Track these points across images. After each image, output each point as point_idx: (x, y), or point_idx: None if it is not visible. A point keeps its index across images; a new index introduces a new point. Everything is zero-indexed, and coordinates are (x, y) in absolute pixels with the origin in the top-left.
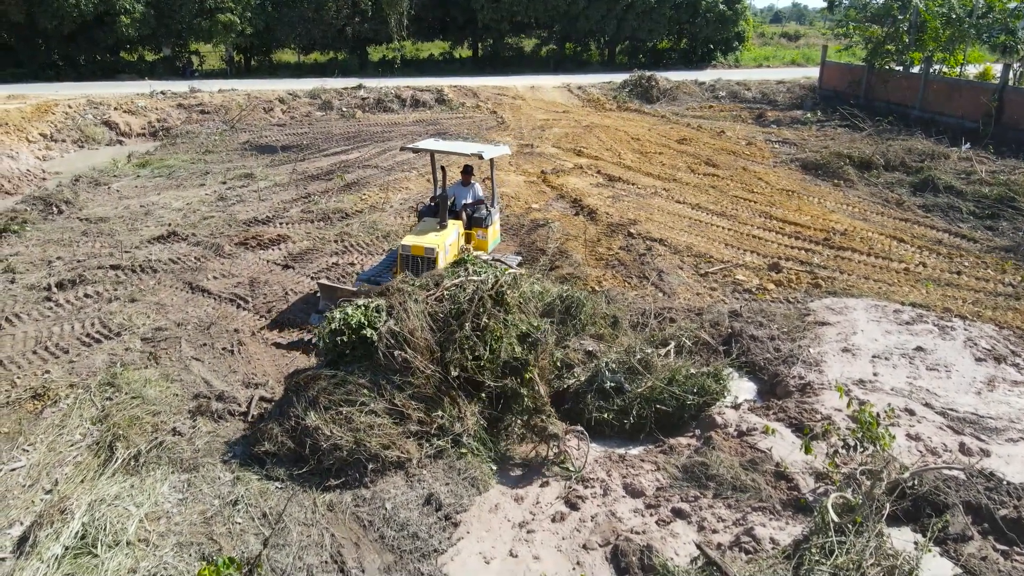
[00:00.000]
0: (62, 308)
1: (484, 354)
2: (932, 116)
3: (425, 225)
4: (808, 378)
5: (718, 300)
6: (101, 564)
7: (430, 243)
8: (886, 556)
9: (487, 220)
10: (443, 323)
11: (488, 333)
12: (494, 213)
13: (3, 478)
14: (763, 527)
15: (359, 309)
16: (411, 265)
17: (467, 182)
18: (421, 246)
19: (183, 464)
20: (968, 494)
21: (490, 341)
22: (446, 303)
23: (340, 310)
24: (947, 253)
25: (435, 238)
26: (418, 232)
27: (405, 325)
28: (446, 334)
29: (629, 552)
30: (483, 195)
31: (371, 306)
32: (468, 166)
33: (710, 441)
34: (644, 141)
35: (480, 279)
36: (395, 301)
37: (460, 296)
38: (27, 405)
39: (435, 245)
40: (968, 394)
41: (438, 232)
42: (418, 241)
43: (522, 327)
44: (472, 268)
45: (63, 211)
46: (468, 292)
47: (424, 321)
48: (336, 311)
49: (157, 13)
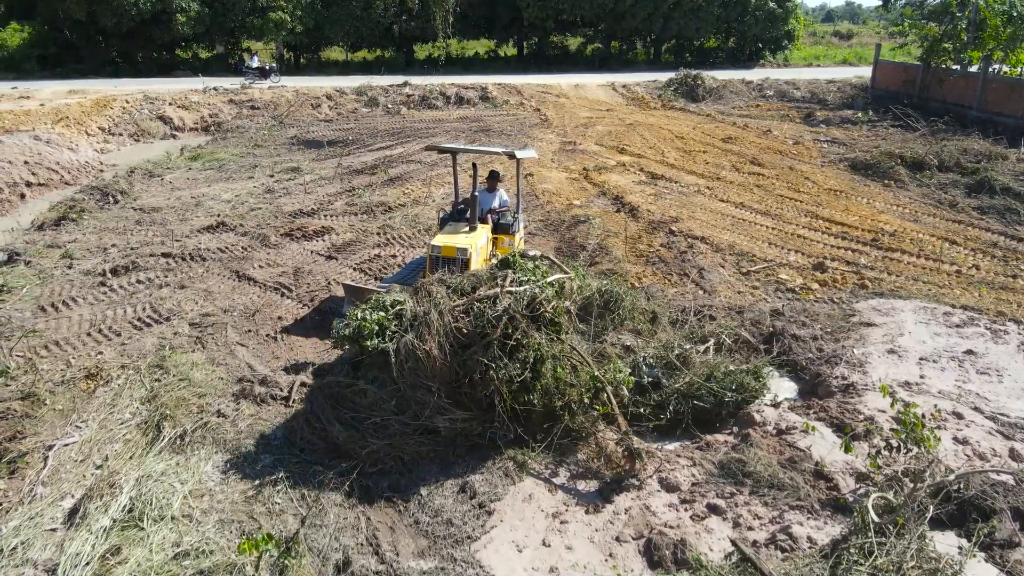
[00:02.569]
0: (115, 293)
1: (521, 375)
2: (991, 117)
3: (454, 227)
4: (851, 379)
5: (760, 299)
6: (147, 537)
7: (462, 243)
8: (928, 559)
9: (513, 227)
10: (468, 340)
11: (527, 351)
12: (520, 219)
13: (57, 453)
14: (800, 526)
15: (376, 314)
16: (442, 267)
17: (493, 188)
18: (453, 246)
19: (226, 445)
20: (1017, 500)
21: (530, 361)
22: (471, 319)
23: (357, 312)
24: (1002, 256)
25: (466, 239)
26: (448, 232)
27: (423, 342)
28: (470, 353)
29: (662, 546)
30: (508, 202)
31: (390, 312)
32: (495, 172)
33: (748, 438)
34: (688, 139)
35: (520, 290)
36: (420, 308)
37: (488, 312)
38: (81, 384)
39: (468, 246)
40: (1021, 399)
41: (468, 234)
42: (449, 241)
43: (583, 374)
44: (515, 275)
45: (119, 201)
46: (499, 309)
47: (446, 339)
48: (355, 311)
49: (212, 11)
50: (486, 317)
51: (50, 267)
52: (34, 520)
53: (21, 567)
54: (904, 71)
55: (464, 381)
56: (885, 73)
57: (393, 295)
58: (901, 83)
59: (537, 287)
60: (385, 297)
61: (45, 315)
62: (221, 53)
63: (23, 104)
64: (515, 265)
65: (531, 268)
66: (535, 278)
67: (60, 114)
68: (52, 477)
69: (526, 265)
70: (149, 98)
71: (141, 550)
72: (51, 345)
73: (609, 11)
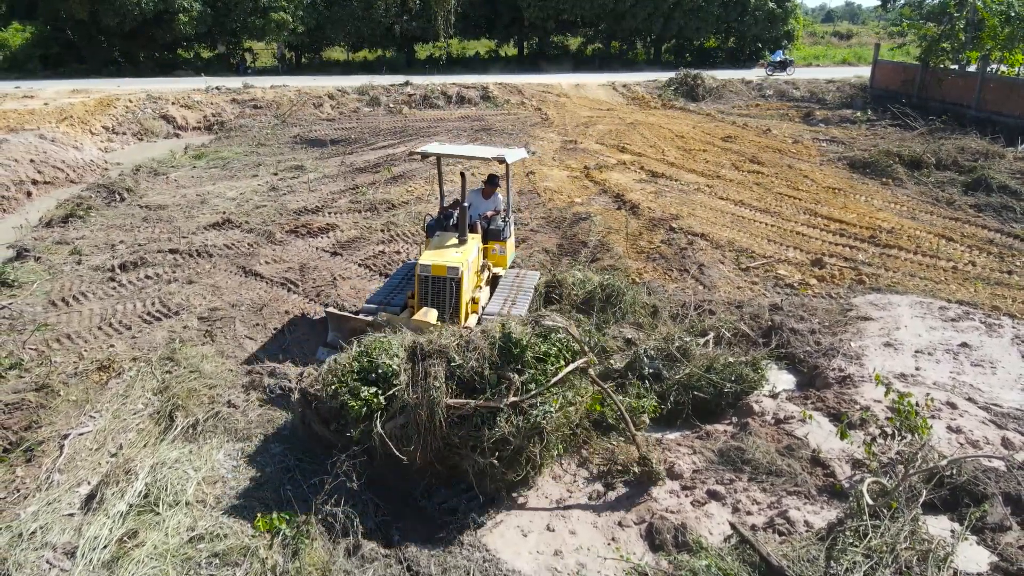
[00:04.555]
0: (125, 288)
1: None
2: (989, 116)
3: (441, 240)
4: (848, 370)
5: (759, 294)
6: (162, 521)
7: (453, 262)
8: (920, 541)
9: (504, 232)
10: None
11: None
12: (511, 224)
13: (72, 441)
14: (797, 511)
15: (366, 390)
16: (432, 288)
17: (490, 193)
18: (443, 265)
19: (237, 434)
20: (1008, 485)
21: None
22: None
23: (344, 387)
24: (998, 252)
25: (457, 256)
26: (436, 248)
27: (407, 442)
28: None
29: (663, 530)
30: (502, 204)
31: (380, 390)
32: (494, 175)
33: (746, 427)
34: (688, 138)
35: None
36: (411, 396)
37: (485, 432)
38: (93, 376)
39: (459, 264)
40: (1014, 390)
41: (459, 248)
42: (439, 260)
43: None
44: (524, 377)
45: (125, 199)
46: (495, 434)
47: (432, 442)
48: (340, 384)
49: (213, 12)
50: (483, 435)
51: (59, 263)
52: (52, 505)
53: (41, 550)
54: (903, 71)
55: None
56: (884, 73)
57: (383, 358)
58: (900, 83)
59: (543, 415)
60: (377, 357)
61: (56, 309)
62: (222, 53)
63: (27, 103)
64: (525, 354)
65: (545, 353)
66: (544, 381)
67: (64, 113)
68: (68, 465)
69: (541, 347)
70: (152, 97)
71: (157, 534)
72: (63, 338)
73: (609, 11)
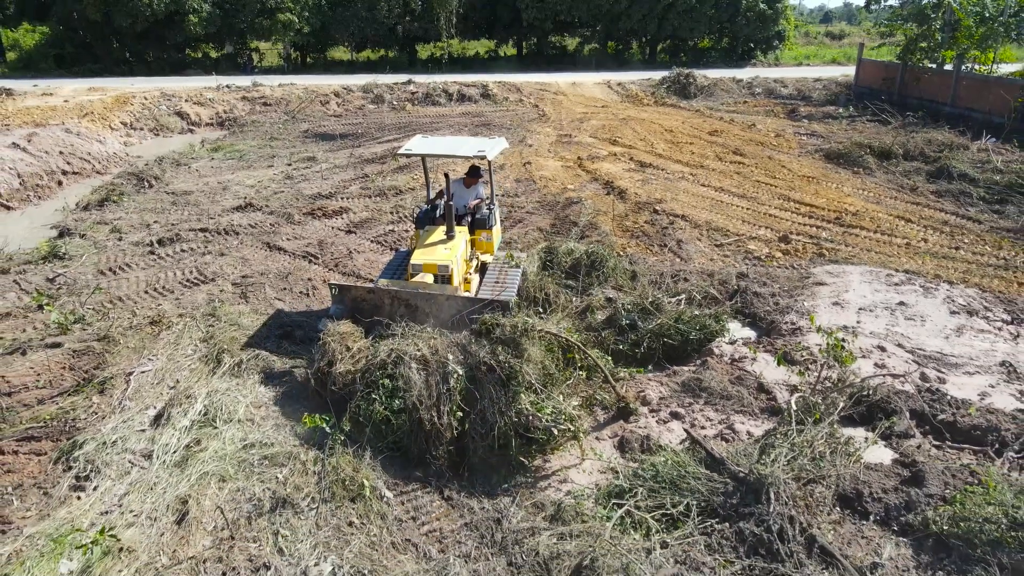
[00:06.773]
0: (164, 260)
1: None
2: (962, 112)
3: (430, 236)
4: (799, 324)
5: (729, 265)
6: (220, 433)
7: (443, 259)
8: (835, 439)
9: (490, 220)
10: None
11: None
12: (495, 211)
13: (137, 377)
14: (742, 424)
15: (380, 406)
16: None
17: (472, 184)
18: (434, 263)
19: (274, 372)
20: (915, 404)
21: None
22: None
23: (360, 401)
24: (950, 231)
25: (446, 252)
26: (425, 246)
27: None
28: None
29: (631, 440)
30: (484, 193)
31: (394, 401)
32: (475, 167)
33: (706, 364)
34: (677, 133)
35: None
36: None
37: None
38: (146, 328)
39: (448, 261)
40: (937, 338)
41: (447, 244)
42: (429, 258)
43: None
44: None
45: (153, 185)
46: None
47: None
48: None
49: (222, 12)
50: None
51: (102, 239)
52: (127, 423)
53: (123, 454)
54: (885, 69)
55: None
56: (868, 71)
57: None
58: (882, 81)
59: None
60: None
61: (106, 277)
62: (230, 53)
63: (48, 100)
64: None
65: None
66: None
67: (84, 109)
68: (135, 395)
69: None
70: (167, 95)
71: (217, 442)
72: (115, 300)
73: (606, 12)
